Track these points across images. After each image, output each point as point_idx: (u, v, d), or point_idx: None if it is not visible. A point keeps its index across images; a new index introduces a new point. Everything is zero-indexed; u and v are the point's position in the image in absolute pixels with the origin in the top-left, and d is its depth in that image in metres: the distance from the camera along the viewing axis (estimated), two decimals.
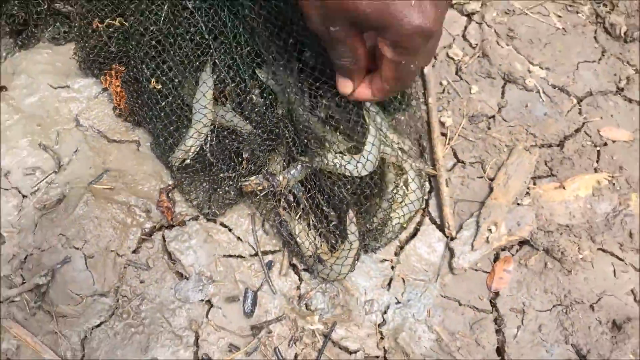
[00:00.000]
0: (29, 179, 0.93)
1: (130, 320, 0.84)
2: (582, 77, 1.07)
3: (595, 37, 1.13)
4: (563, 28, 1.14)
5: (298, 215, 0.86)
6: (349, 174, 0.80)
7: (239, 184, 0.85)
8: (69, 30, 1.05)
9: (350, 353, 0.84)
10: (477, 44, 1.10)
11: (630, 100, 1.05)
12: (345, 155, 0.81)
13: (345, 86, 0.73)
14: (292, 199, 0.87)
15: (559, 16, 1.16)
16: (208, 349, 0.83)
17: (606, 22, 1.15)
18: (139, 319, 0.85)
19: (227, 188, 0.87)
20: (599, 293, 0.87)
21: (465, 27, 1.13)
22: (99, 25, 0.97)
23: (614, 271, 0.89)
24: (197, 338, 0.84)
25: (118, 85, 0.96)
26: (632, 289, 0.88)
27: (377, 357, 0.84)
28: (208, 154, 0.88)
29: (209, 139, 0.87)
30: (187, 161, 0.87)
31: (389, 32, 0.60)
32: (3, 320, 0.83)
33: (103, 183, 0.92)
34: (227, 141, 0.88)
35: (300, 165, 0.84)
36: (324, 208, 0.86)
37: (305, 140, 0.82)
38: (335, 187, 0.83)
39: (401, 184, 0.88)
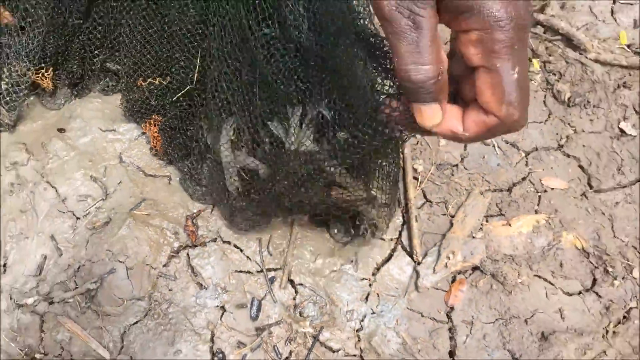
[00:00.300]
0: (81, 204, 1.16)
1: (160, 320, 1.06)
2: (530, 135, 1.31)
3: (544, 102, 1.38)
4: None
5: None
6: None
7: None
8: (116, 84, 1.26)
9: (334, 352, 1.06)
10: None
11: (568, 155, 1.29)
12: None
13: (432, 115, 0.51)
14: None
15: None
16: (221, 344, 1.05)
17: (554, 88, 1.40)
18: (167, 319, 1.06)
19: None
20: (532, 310, 1.10)
21: None
22: (142, 82, 1.21)
23: (546, 293, 1.12)
24: (212, 336, 1.06)
25: (155, 132, 1.20)
26: (559, 308, 1.11)
27: (355, 355, 1.06)
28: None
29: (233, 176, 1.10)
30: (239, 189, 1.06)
31: (482, 9, 0.46)
32: (59, 317, 1.05)
33: (141, 210, 1.15)
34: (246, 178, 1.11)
35: None
36: None
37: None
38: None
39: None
